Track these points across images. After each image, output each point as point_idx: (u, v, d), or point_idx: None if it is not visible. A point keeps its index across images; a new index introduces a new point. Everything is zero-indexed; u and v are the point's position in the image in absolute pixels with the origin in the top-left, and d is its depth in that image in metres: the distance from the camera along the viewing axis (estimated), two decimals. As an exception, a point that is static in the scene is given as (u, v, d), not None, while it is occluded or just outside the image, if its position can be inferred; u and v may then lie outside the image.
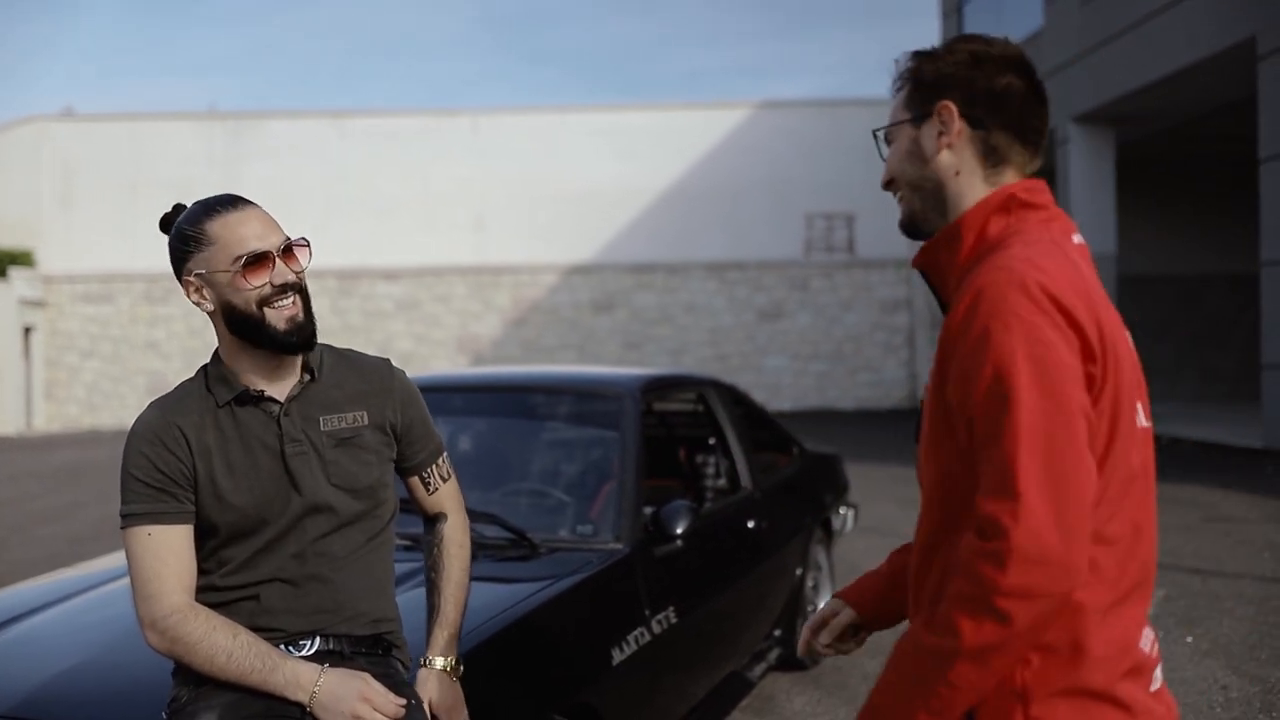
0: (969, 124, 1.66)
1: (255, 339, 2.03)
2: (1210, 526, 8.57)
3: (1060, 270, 1.51)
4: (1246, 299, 21.96)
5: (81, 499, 11.96)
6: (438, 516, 2.31)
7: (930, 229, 1.71)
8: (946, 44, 1.72)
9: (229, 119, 25.06)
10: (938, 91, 1.67)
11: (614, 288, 24.61)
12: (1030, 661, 1.47)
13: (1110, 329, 1.54)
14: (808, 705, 4.71)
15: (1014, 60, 1.69)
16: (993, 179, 1.67)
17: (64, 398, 24.38)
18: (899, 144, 1.72)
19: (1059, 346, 1.45)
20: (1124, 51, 15.76)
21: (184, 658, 1.95)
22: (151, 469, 2.00)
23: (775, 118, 24.78)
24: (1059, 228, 1.64)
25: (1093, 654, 1.47)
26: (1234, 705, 4.56)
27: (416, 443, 2.23)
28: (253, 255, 1.99)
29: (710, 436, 4.98)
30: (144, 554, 1.98)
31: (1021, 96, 1.68)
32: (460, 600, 2.26)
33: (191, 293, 2.05)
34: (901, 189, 1.73)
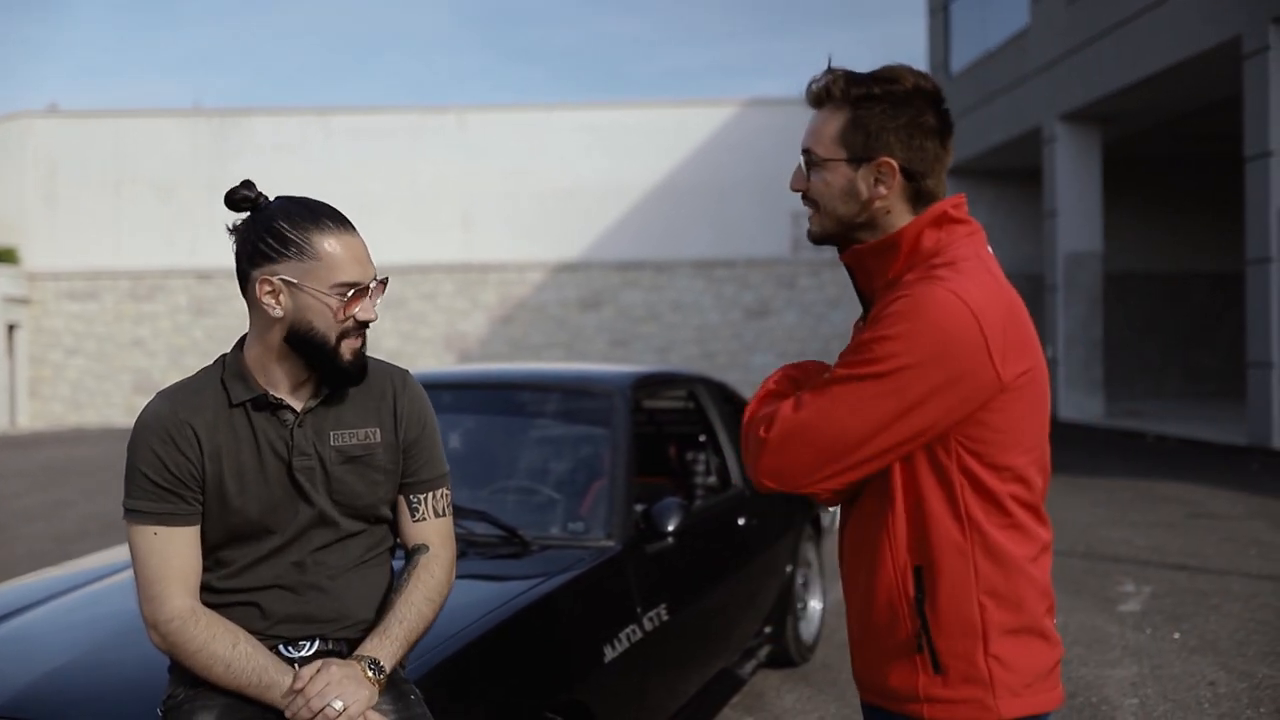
0: (905, 178, 1.79)
1: (314, 360, 1.98)
2: (1196, 523, 8.61)
3: (986, 293, 1.71)
4: (1231, 297, 22.09)
5: (66, 497, 11.90)
6: (418, 548, 2.12)
7: (841, 242, 1.87)
8: (878, 78, 1.80)
9: (214, 116, 24.96)
10: (879, 145, 1.78)
11: (601, 285, 24.60)
12: (986, 607, 1.72)
13: (1020, 343, 1.74)
14: (798, 702, 4.71)
15: (933, 95, 1.81)
16: (918, 210, 1.82)
17: (49, 395, 24.26)
18: (832, 179, 1.82)
19: (947, 359, 1.66)
20: (1110, 50, 15.82)
21: (183, 662, 1.94)
22: (161, 468, 1.96)
23: (762, 115, 24.80)
24: (978, 240, 1.83)
25: (1028, 598, 1.75)
26: (1222, 701, 4.58)
27: (414, 462, 2.13)
28: (359, 289, 1.96)
29: (701, 434, 4.98)
30: (149, 554, 1.95)
31: (940, 136, 1.81)
32: (409, 622, 2.03)
33: (263, 293, 1.95)
34: (824, 215, 1.85)
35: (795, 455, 1.74)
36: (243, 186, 2.02)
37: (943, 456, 1.72)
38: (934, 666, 1.73)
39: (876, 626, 1.80)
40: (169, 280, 24.32)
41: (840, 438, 1.71)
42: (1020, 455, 1.74)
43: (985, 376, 1.69)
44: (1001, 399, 1.71)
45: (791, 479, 1.76)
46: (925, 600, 1.73)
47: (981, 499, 1.72)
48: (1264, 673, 4.91)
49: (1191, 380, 23.27)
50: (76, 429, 23.43)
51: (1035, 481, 1.78)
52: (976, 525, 1.72)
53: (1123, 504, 9.55)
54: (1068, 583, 6.62)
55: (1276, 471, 11.28)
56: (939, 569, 1.72)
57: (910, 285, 1.73)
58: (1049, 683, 1.77)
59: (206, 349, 23.76)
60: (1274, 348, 12.78)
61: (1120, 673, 4.97)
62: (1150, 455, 13.24)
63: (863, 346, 1.72)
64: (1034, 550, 1.76)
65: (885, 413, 1.68)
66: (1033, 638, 1.75)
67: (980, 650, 1.71)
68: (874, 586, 1.79)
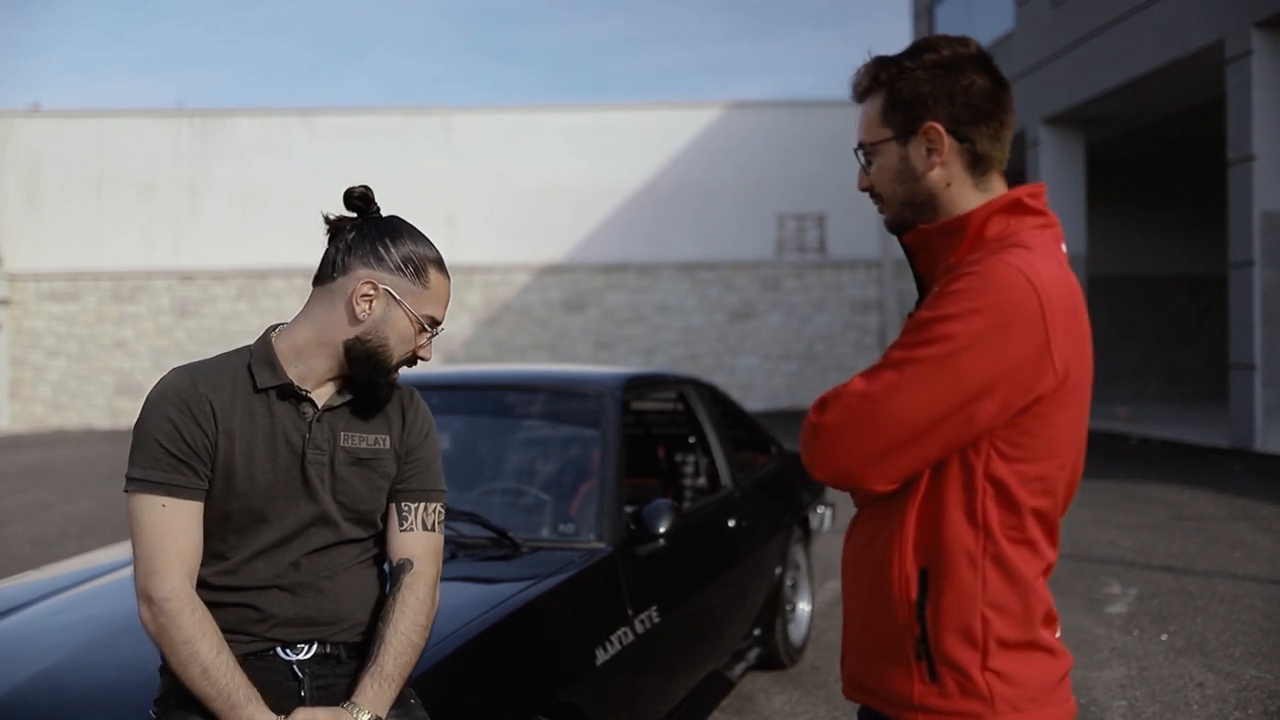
0: (956, 139, 1.72)
1: (363, 371, 2.02)
2: (1180, 525, 8.64)
3: (1055, 277, 1.63)
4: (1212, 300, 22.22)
5: (46, 499, 11.81)
6: (402, 564, 2.06)
7: (922, 222, 1.78)
8: (910, 51, 1.76)
9: (196, 116, 24.83)
10: (920, 110, 1.72)
11: (585, 287, 24.57)
12: (989, 619, 1.66)
13: (1079, 343, 1.68)
14: (787, 704, 4.70)
15: (976, 59, 1.74)
16: (982, 185, 1.75)
17: (29, 397, 24.10)
18: (885, 161, 1.77)
19: (1008, 342, 1.59)
20: (1094, 54, 15.89)
21: (164, 651, 1.89)
22: (177, 437, 1.92)
23: (747, 118, 24.81)
24: (1051, 235, 1.73)
25: (1032, 614, 1.69)
26: (1210, 702, 4.59)
27: (410, 469, 2.11)
28: (436, 321, 2.08)
29: (690, 435, 4.97)
30: (153, 526, 1.90)
31: (991, 95, 1.73)
32: (404, 656, 1.99)
33: (361, 293, 2.00)
34: (889, 203, 1.79)
35: (851, 443, 1.67)
36: (363, 188, 2.14)
37: (972, 458, 1.65)
38: (930, 674, 1.68)
39: (875, 627, 1.75)
40: (151, 281, 24.19)
41: (898, 424, 1.62)
42: (1055, 467, 1.68)
43: (1042, 364, 1.61)
44: (1048, 403, 1.63)
45: (846, 469, 1.69)
46: (928, 604, 1.67)
47: (1002, 508, 1.65)
48: (1251, 674, 4.92)
49: (1173, 382, 23.39)
50: (58, 431, 23.28)
51: (1060, 496, 1.71)
52: (991, 534, 1.65)
53: (1108, 505, 9.57)
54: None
55: (1259, 473, 11.34)
56: (946, 574, 1.66)
57: (976, 263, 1.65)
58: (1056, 696, 1.71)
59: (189, 350, 23.64)
60: (1256, 350, 12.85)
61: (1109, 674, 4.97)
62: (1134, 457, 13.29)
63: (922, 326, 1.64)
64: (1040, 569, 1.71)
65: (945, 397, 1.60)
66: (1035, 651, 1.69)
67: (979, 663, 1.66)
68: (878, 585, 1.73)
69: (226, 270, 23.97)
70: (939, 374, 1.60)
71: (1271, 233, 12.76)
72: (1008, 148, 1.77)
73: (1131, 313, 23.19)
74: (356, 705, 1.92)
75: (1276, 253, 12.76)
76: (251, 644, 1.99)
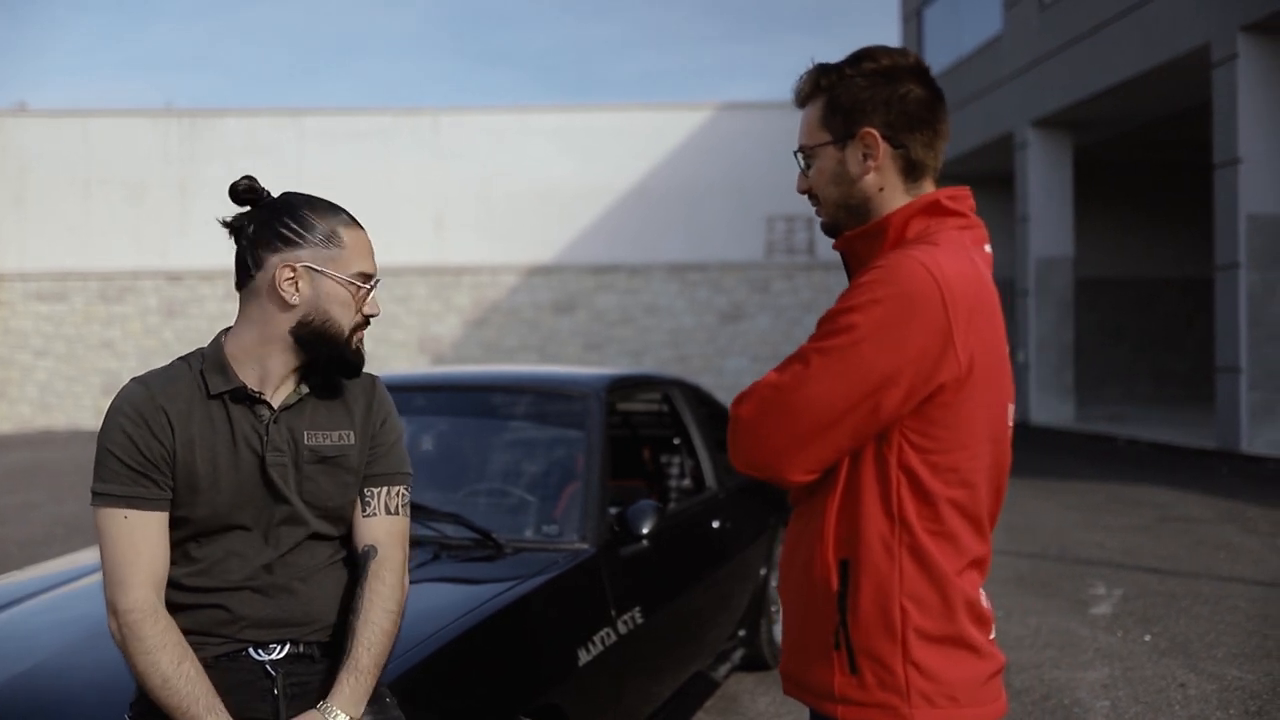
0: (891, 145, 1.77)
1: (321, 352, 1.98)
2: (1166, 526, 8.67)
3: (959, 271, 1.68)
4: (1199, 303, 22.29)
5: (34, 500, 11.77)
6: (367, 552, 2.04)
7: (852, 227, 1.84)
8: (851, 60, 1.81)
9: (185, 116, 24.76)
10: (858, 116, 1.78)
11: (575, 288, 24.56)
12: (908, 611, 1.68)
13: (986, 335, 1.72)
14: (771, 705, 4.71)
15: (914, 69, 1.79)
16: (913, 190, 1.81)
17: (16, 397, 24.00)
18: (823, 165, 1.83)
19: (908, 331, 1.63)
20: (1082, 56, 15.94)
21: (128, 660, 1.90)
22: (133, 449, 1.92)
23: (736, 119, 24.83)
24: (972, 236, 1.79)
25: (955, 608, 1.70)
26: (1192, 703, 4.61)
27: (372, 453, 2.08)
28: (367, 276, 2.00)
29: (675, 436, 4.97)
30: (117, 539, 1.91)
31: (927, 104, 1.80)
32: (377, 646, 1.97)
33: (284, 280, 1.94)
34: (825, 205, 1.85)
35: (765, 434, 1.72)
36: (246, 179, 2.02)
37: (885, 450, 1.69)
38: (850, 666, 1.70)
39: (802, 620, 1.79)
40: (139, 281, 24.12)
41: (807, 414, 1.67)
42: (966, 458, 1.71)
43: (944, 353, 1.65)
44: (953, 392, 1.67)
45: (763, 459, 1.73)
46: (847, 595, 1.70)
47: (917, 499, 1.69)
48: (1233, 674, 4.94)
49: (1160, 385, 23.45)
50: (45, 431, 23.19)
51: (980, 489, 1.74)
52: (908, 525, 1.69)
53: (1094, 507, 9.61)
54: (1040, 585, 6.65)
55: (1245, 475, 11.39)
56: (863, 564, 1.70)
57: (883, 257, 1.72)
58: (980, 696, 1.72)
59: (177, 351, 23.51)
60: (1242, 353, 12.90)
61: (1092, 675, 4.99)
62: (1121, 459, 13.33)
63: (829, 319, 1.71)
64: (961, 563, 1.72)
65: (850, 386, 1.65)
66: (958, 649, 1.71)
67: (899, 655, 1.68)
68: (805, 577, 1.77)
69: (215, 271, 23.90)
70: (843, 364, 1.65)
71: (1257, 235, 12.81)
72: (941, 156, 1.83)
73: (1119, 315, 23.26)
74: (332, 708, 1.92)
75: (1262, 255, 12.82)
76: (223, 645, 1.98)
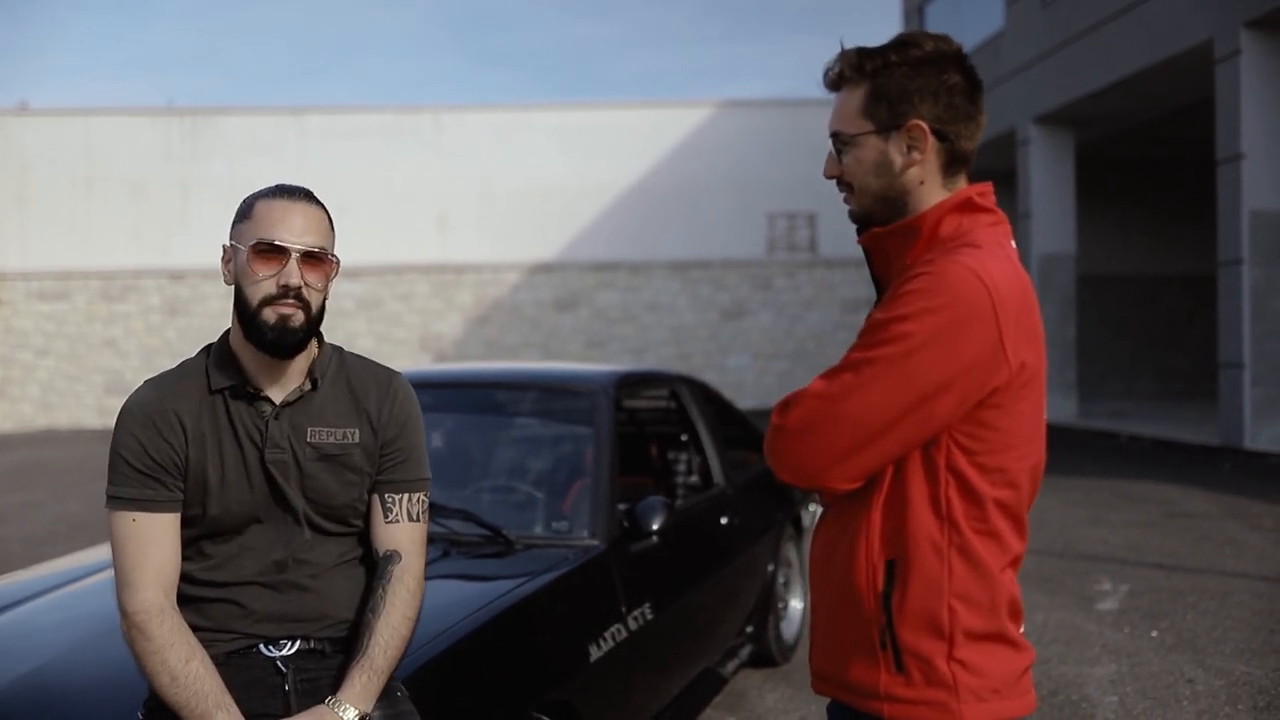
0: (937, 138, 1.74)
1: (245, 330, 1.96)
2: (1171, 522, 8.67)
3: (1005, 275, 1.67)
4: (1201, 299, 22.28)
5: (36, 499, 11.76)
6: (390, 556, 2.04)
7: (882, 221, 1.81)
8: (895, 45, 1.76)
9: (186, 115, 24.75)
10: (905, 107, 1.73)
11: (576, 286, 24.55)
12: (956, 610, 1.68)
13: (1031, 336, 1.71)
14: (779, 702, 4.70)
15: (957, 57, 1.76)
16: (950, 185, 1.78)
17: (18, 396, 24.00)
18: (863, 154, 1.78)
19: (962, 339, 1.62)
20: (1084, 53, 15.92)
21: (137, 660, 1.91)
22: (142, 453, 1.94)
23: (737, 117, 24.82)
24: (1002, 231, 1.78)
25: (999, 605, 1.71)
26: (1200, 698, 4.60)
27: (390, 460, 2.07)
28: (266, 244, 1.91)
29: (682, 433, 4.97)
30: (127, 540, 1.93)
31: (969, 95, 1.76)
32: (393, 648, 1.98)
33: (222, 263, 2.00)
34: (860, 195, 1.80)
35: (813, 444, 1.70)
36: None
37: (934, 451, 1.68)
38: (896, 665, 1.70)
39: (842, 618, 1.78)
40: (141, 280, 24.11)
41: (858, 423, 1.66)
42: (1014, 459, 1.71)
43: (996, 359, 1.64)
44: (1004, 395, 1.67)
45: (810, 469, 1.71)
46: (893, 595, 1.70)
47: (965, 500, 1.69)
48: (1241, 670, 4.93)
49: (1162, 381, 23.45)
50: (47, 430, 23.19)
51: (1024, 487, 1.74)
52: (956, 525, 1.68)
53: (1099, 503, 9.60)
54: (1045, 581, 6.65)
55: (1249, 471, 11.37)
56: (912, 565, 1.69)
57: (929, 263, 1.68)
58: (1018, 689, 1.74)
59: (179, 350, 23.55)
60: (1245, 349, 12.89)
61: (1099, 670, 4.99)
62: (1125, 455, 13.32)
63: (878, 327, 1.67)
64: (1005, 561, 1.73)
65: (902, 395, 1.63)
66: (1000, 644, 1.72)
67: (944, 653, 1.69)
68: (845, 577, 1.76)
69: (216, 270, 23.81)
70: (896, 373, 1.63)
71: (1260, 231, 12.80)
72: (976, 148, 1.81)
73: (1121, 311, 23.25)
74: (342, 702, 1.92)
75: (1265, 251, 12.81)
76: (234, 641, 1.99)
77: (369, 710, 1.94)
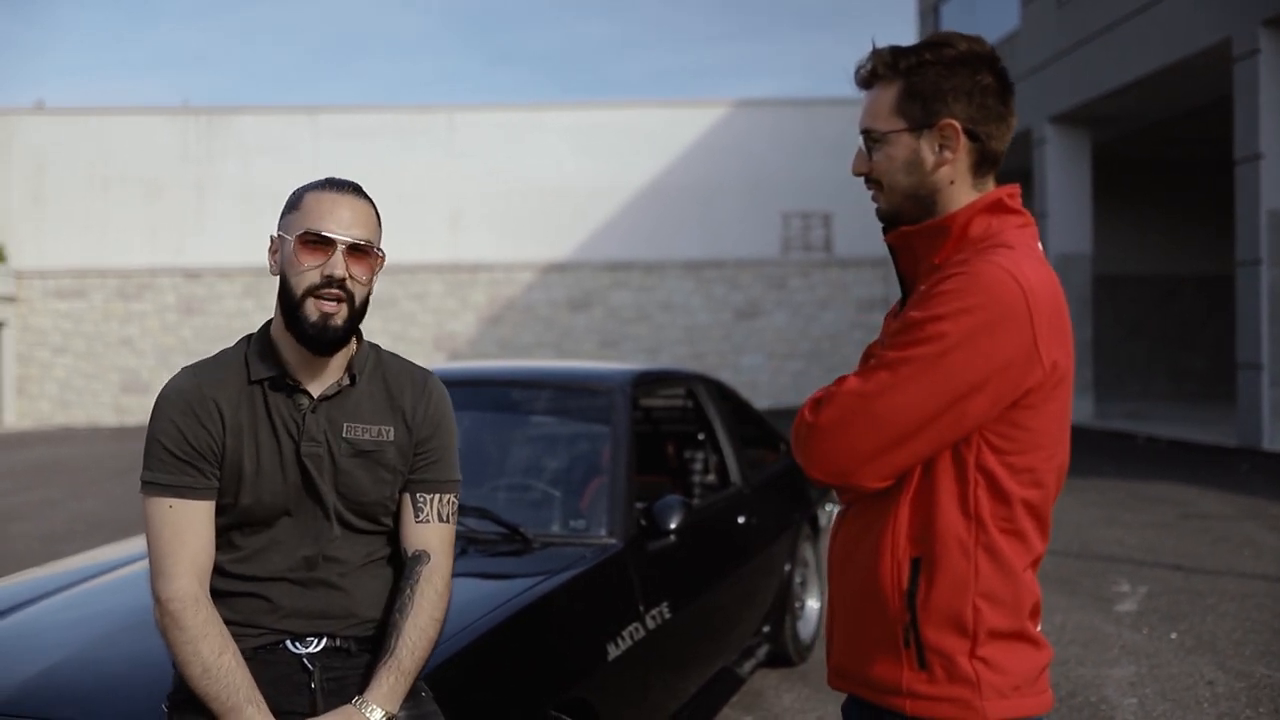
0: (969, 138, 1.74)
1: (287, 317, 1.97)
2: (1188, 523, 8.62)
3: (1039, 277, 1.67)
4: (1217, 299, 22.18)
5: (54, 496, 11.82)
6: (419, 556, 2.04)
7: (910, 220, 1.80)
8: (929, 44, 1.77)
9: (202, 114, 24.85)
10: (939, 106, 1.73)
11: (590, 286, 24.57)
12: (980, 609, 1.68)
13: (1062, 336, 1.71)
14: (796, 701, 4.69)
15: (990, 58, 1.76)
16: (979, 185, 1.78)
17: (36, 394, 24.13)
18: (894, 152, 1.77)
19: (998, 340, 1.63)
20: (1100, 53, 15.86)
21: (170, 649, 1.91)
22: (180, 439, 1.93)
23: (752, 116, 24.80)
24: (1031, 233, 1.78)
25: (1022, 603, 1.72)
26: (1220, 700, 4.57)
27: (424, 460, 2.07)
28: (314, 234, 1.92)
29: (699, 432, 4.96)
30: (162, 527, 1.93)
31: (1001, 96, 1.76)
32: (420, 649, 1.97)
33: (270, 251, 2.01)
34: (890, 193, 1.80)
35: (846, 442, 1.69)
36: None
37: (963, 450, 1.68)
38: (919, 662, 1.71)
39: (864, 615, 1.77)
40: (157, 279, 24.21)
41: (892, 422, 1.66)
42: (1043, 459, 1.71)
43: (1030, 360, 1.65)
44: (1036, 395, 1.67)
45: (842, 467, 1.71)
46: (918, 592, 1.70)
47: (993, 499, 1.69)
48: (1261, 672, 4.90)
49: (1178, 382, 23.35)
50: (64, 428, 23.30)
51: (1050, 487, 1.74)
52: (983, 524, 1.68)
53: (1115, 504, 9.56)
54: (1063, 582, 6.62)
55: (1267, 472, 11.31)
56: (938, 563, 1.69)
57: (963, 264, 1.69)
58: (1037, 686, 1.74)
59: (195, 348, 23.65)
60: (1263, 349, 12.82)
61: (1118, 672, 4.96)
62: (1141, 456, 13.26)
63: (914, 326, 1.67)
64: (1028, 560, 1.74)
65: (937, 395, 1.64)
66: (1021, 642, 1.73)
67: (967, 651, 1.69)
68: (868, 574, 1.76)
69: (232, 268, 23.98)
70: (932, 372, 1.63)
71: (1278, 231, 12.73)
72: (1006, 148, 1.81)
73: (1137, 312, 23.16)
74: (368, 702, 1.91)
75: (1284, 251, 12.74)
76: (261, 637, 1.98)
77: (395, 711, 1.94)
